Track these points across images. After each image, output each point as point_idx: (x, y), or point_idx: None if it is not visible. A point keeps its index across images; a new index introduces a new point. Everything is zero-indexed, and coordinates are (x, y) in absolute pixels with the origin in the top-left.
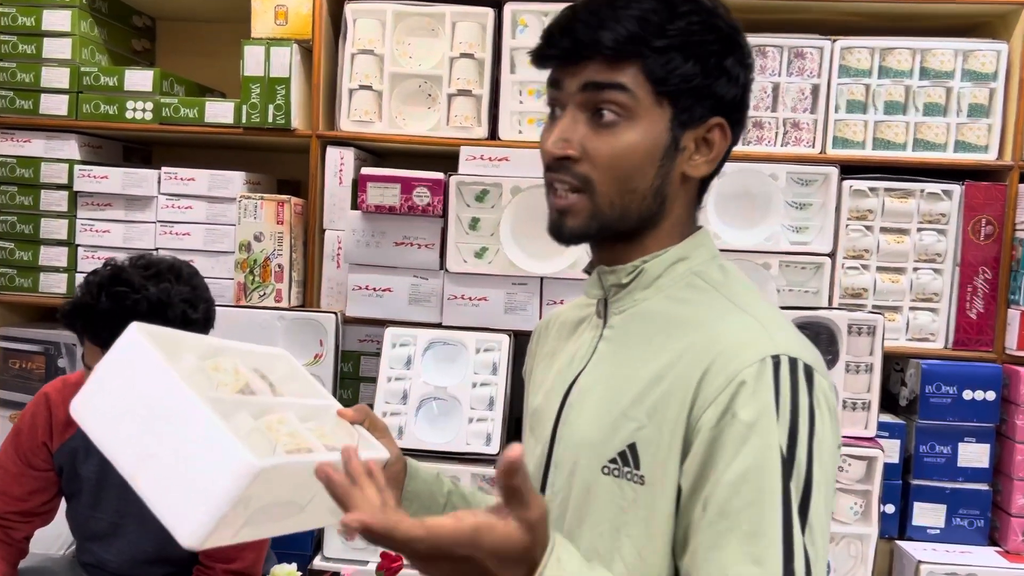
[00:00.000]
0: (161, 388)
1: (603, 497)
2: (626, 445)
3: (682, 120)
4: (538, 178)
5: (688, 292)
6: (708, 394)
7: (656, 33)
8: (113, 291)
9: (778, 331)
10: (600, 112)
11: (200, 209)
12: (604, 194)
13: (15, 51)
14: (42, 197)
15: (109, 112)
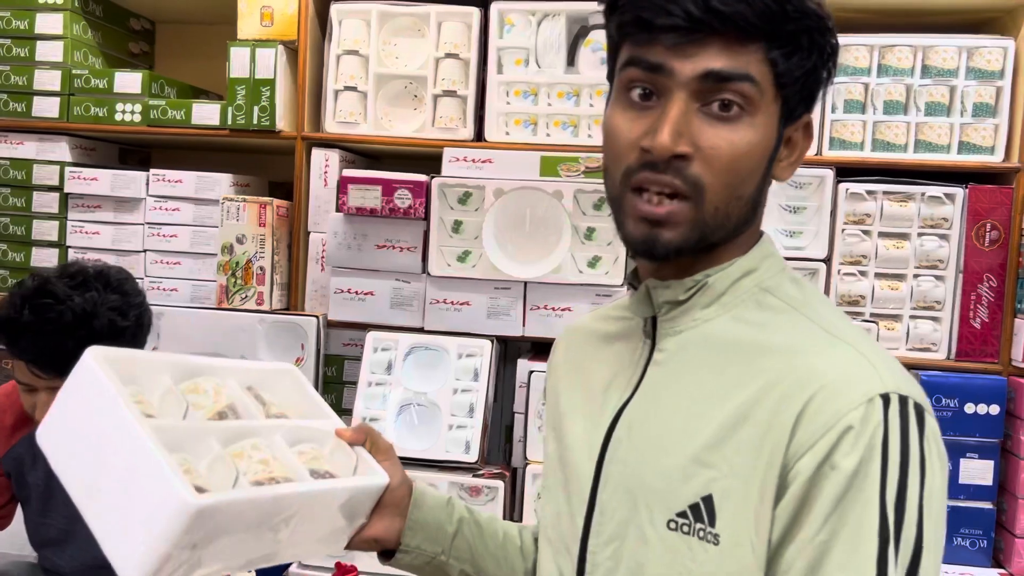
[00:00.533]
0: (108, 417)
1: (666, 556)
2: (700, 497)
3: (787, 117)
4: (523, 180)
5: (761, 313)
6: (805, 439)
7: (783, 14)
8: (36, 303)
9: (882, 363)
10: (726, 104)
11: (187, 211)
12: (712, 201)
13: (8, 54)
14: (34, 199)
15: (99, 114)
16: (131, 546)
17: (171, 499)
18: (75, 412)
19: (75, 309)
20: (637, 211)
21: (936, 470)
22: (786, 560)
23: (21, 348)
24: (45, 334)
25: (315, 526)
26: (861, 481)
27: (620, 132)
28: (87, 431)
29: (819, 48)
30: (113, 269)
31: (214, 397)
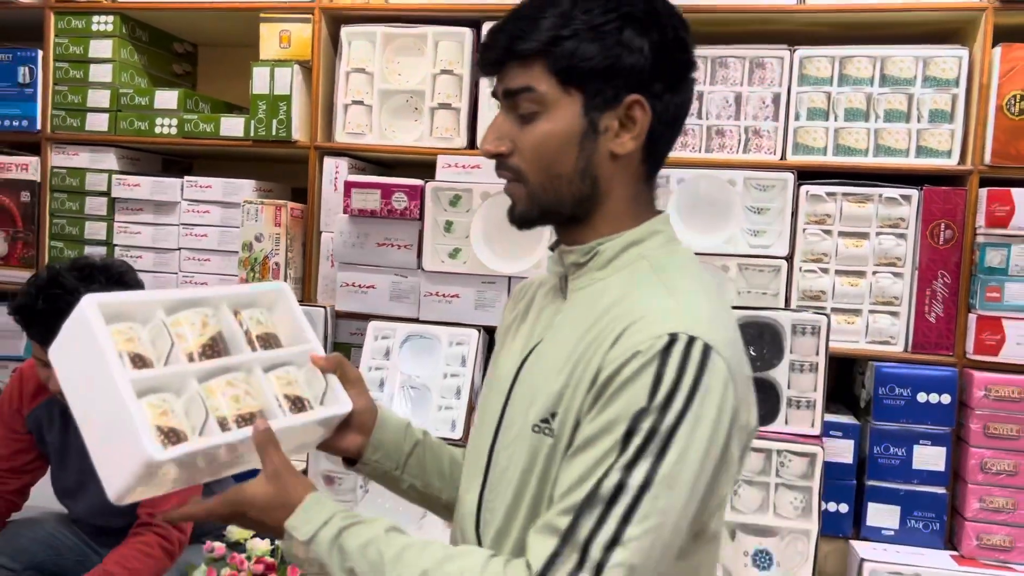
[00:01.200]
0: (97, 364)
1: (529, 452)
2: (554, 407)
3: (596, 104)
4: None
5: (631, 276)
6: (609, 359)
7: (550, 33)
8: (48, 293)
9: (688, 313)
10: (519, 110)
11: (216, 213)
12: (534, 181)
13: (67, 76)
14: (86, 203)
15: (142, 128)
16: (111, 470)
17: (137, 450)
18: (73, 349)
19: (80, 299)
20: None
21: (713, 397)
22: (579, 434)
23: (35, 331)
24: (55, 320)
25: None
26: (630, 384)
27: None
28: (82, 368)
29: (595, 36)
30: (116, 263)
31: (200, 329)
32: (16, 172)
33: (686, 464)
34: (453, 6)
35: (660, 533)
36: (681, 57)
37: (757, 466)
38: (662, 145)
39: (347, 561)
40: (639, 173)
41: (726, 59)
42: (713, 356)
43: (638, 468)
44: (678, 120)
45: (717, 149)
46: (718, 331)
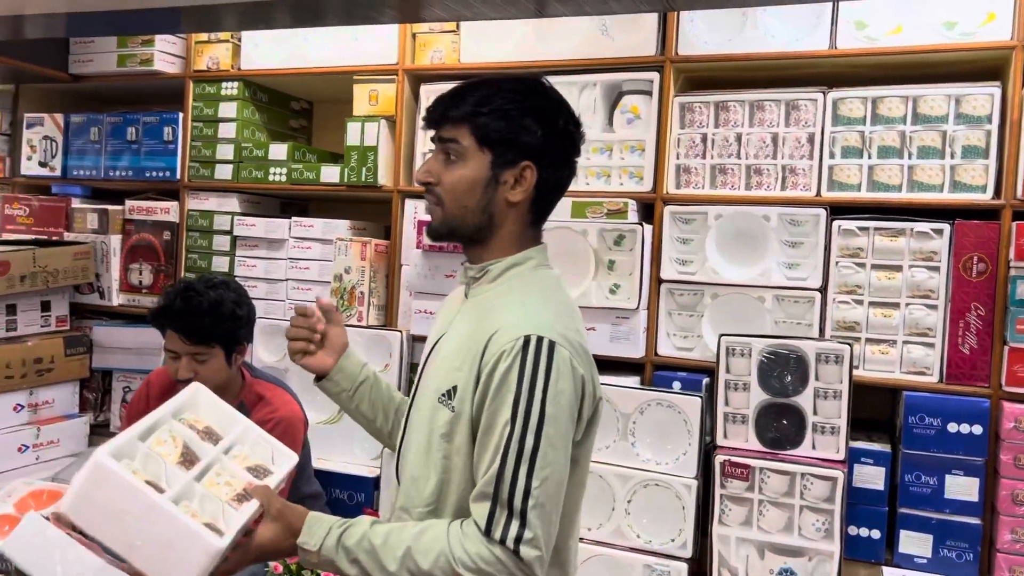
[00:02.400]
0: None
1: (433, 418)
2: (450, 387)
3: (500, 162)
4: (556, 222)
5: (506, 289)
6: (486, 358)
7: (472, 110)
8: (184, 295)
9: (537, 318)
10: (447, 155)
11: (316, 249)
12: (448, 207)
13: (201, 134)
14: (214, 240)
15: (258, 176)
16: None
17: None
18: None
19: (209, 299)
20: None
21: (562, 376)
22: (480, 422)
23: (175, 325)
24: (191, 315)
25: None
26: (506, 378)
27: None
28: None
29: (504, 117)
30: (232, 280)
31: (172, 444)
32: (160, 215)
33: (558, 425)
34: (520, 64)
35: (553, 477)
36: (567, 146)
37: (782, 487)
38: (547, 201)
39: (350, 555)
40: (525, 218)
41: (763, 102)
42: (557, 348)
43: (527, 437)
44: (560, 187)
45: (756, 187)
46: (558, 330)
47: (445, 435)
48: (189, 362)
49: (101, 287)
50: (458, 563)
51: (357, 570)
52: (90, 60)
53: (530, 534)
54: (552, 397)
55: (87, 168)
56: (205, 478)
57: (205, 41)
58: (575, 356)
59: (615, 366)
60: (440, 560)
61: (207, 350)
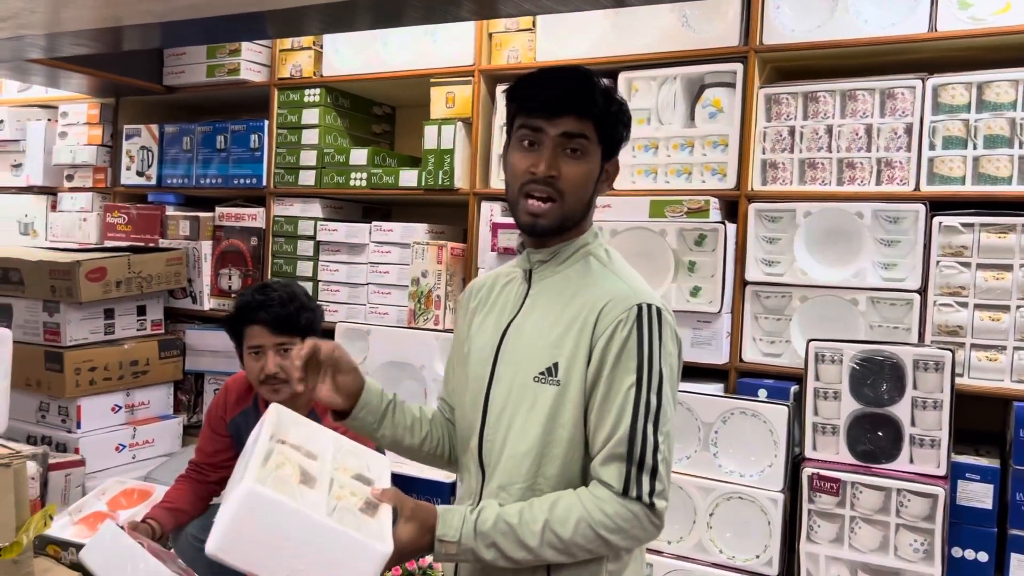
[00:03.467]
0: (289, 521)
1: (531, 395)
2: (551, 364)
3: (607, 157)
4: (634, 221)
5: (586, 267)
6: (600, 329)
7: (605, 106)
8: (261, 290)
9: (642, 291)
10: (573, 150)
11: (395, 253)
12: (569, 202)
13: (285, 141)
14: (298, 245)
15: (340, 181)
16: None
17: (372, 554)
18: (257, 526)
19: (285, 291)
20: (527, 208)
21: (667, 340)
22: (597, 390)
23: (260, 316)
24: (273, 304)
25: None
26: (626, 345)
27: (518, 164)
28: (274, 536)
29: (620, 121)
30: (297, 285)
31: (289, 466)
32: (247, 221)
33: (672, 384)
34: (598, 60)
35: (670, 430)
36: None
37: (875, 504)
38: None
39: (487, 539)
40: (593, 199)
41: (856, 92)
42: (664, 315)
43: (652, 397)
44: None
45: (848, 182)
46: (658, 299)
47: (550, 411)
48: (275, 355)
49: (193, 292)
50: (599, 526)
51: (494, 553)
52: (182, 71)
53: (660, 486)
54: (666, 359)
55: (179, 176)
56: (331, 493)
57: (289, 49)
58: (674, 322)
59: (697, 372)
60: (580, 526)
61: (290, 340)
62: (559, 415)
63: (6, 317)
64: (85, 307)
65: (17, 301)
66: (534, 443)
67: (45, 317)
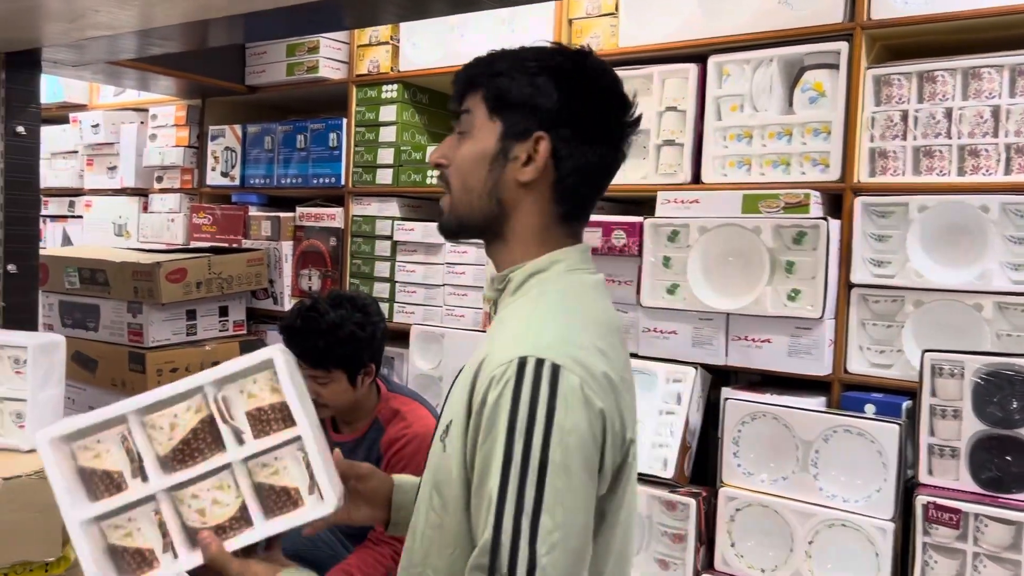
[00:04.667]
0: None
1: (429, 461)
2: (448, 420)
3: (510, 133)
4: (724, 217)
5: (526, 301)
6: (478, 386)
7: (488, 69)
8: (306, 315)
9: (540, 334)
10: (460, 132)
11: (472, 253)
12: (455, 193)
13: (363, 139)
14: (376, 245)
15: (416, 179)
16: None
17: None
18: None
19: (328, 321)
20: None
21: (566, 413)
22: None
23: (293, 345)
24: (307, 336)
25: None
26: (496, 414)
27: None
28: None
29: (516, 76)
30: (362, 295)
31: (169, 433)
32: (327, 221)
33: (570, 475)
34: (686, 43)
35: (567, 543)
36: (600, 113)
37: (1004, 540)
38: (575, 187)
39: None
40: (549, 208)
41: (980, 70)
42: (563, 373)
43: (527, 490)
44: (593, 171)
45: (971, 171)
46: (569, 350)
47: (435, 481)
48: (310, 384)
49: (274, 292)
50: None
51: None
52: (263, 71)
53: None
54: (558, 439)
55: (261, 176)
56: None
57: (366, 44)
58: (590, 384)
59: (794, 384)
60: None
61: (325, 374)
62: (442, 489)
63: (94, 318)
64: (167, 308)
65: (104, 302)
66: (421, 522)
67: (129, 318)
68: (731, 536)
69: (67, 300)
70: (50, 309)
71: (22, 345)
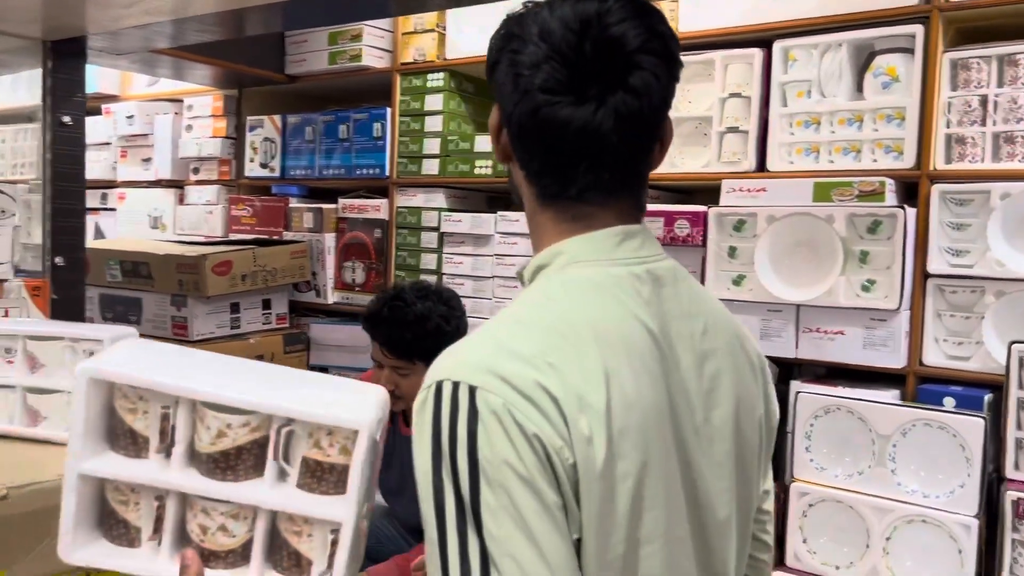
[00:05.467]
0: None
1: None
2: None
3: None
4: (793, 206)
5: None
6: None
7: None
8: (392, 304)
9: (469, 351)
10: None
11: (523, 244)
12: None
13: (408, 128)
14: (422, 237)
15: (464, 170)
16: None
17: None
18: None
19: (416, 312)
20: None
21: (488, 443)
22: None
23: (378, 334)
24: (394, 326)
25: None
26: (419, 448)
27: None
28: None
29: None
30: (446, 289)
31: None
32: (371, 213)
33: (514, 518)
34: (750, 28)
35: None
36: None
37: None
38: (531, 154)
39: None
40: (532, 192)
41: None
42: (479, 395)
43: (470, 547)
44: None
45: None
46: (494, 364)
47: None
48: (391, 375)
49: (317, 285)
50: None
51: None
52: (303, 60)
53: None
54: (487, 475)
55: (303, 168)
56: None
57: (411, 32)
58: (517, 405)
59: (862, 377)
60: None
61: (408, 365)
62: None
63: (136, 311)
64: (212, 301)
65: (147, 295)
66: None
67: (173, 311)
68: (803, 532)
69: (108, 293)
70: (90, 303)
71: (98, 338)
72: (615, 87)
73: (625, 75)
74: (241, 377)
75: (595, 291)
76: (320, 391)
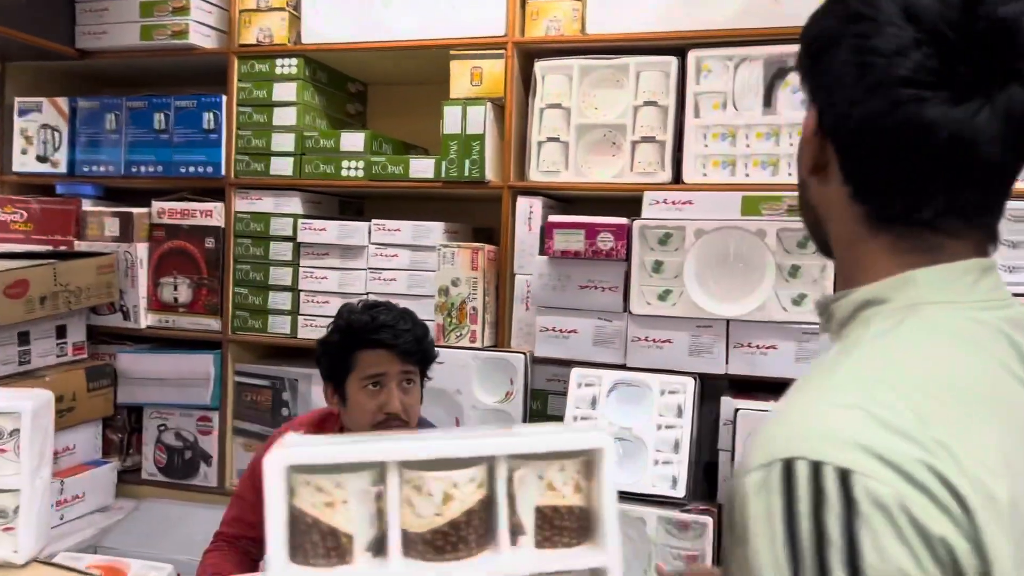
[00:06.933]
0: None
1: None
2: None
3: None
4: (722, 220)
5: (838, 352)
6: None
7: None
8: (381, 309)
9: (822, 417)
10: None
11: (404, 257)
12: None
13: (250, 120)
14: (271, 248)
15: (327, 171)
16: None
17: None
18: None
19: (400, 312)
20: None
21: (876, 544)
22: None
23: (384, 340)
24: (399, 328)
25: None
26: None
27: None
28: None
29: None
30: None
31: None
32: (200, 218)
33: None
34: (661, 35)
35: None
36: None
37: None
38: (876, 177)
39: None
40: (857, 213)
41: None
42: (855, 479)
43: None
44: (876, 134)
45: None
46: (865, 440)
47: None
48: (398, 387)
49: (125, 306)
50: None
51: None
52: (103, 32)
53: None
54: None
55: (102, 163)
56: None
57: (254, 9)
58: (913, 498)
59: None
60: None
61: (415, 369)
62: None
63: None
64: None
65: None
66: None
67: None
68: None
69: None
70: None
71: (12, 411)
72: (1007, 80)
73: (1019, 65)
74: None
75: (966, 344)
76: (521, 430)
